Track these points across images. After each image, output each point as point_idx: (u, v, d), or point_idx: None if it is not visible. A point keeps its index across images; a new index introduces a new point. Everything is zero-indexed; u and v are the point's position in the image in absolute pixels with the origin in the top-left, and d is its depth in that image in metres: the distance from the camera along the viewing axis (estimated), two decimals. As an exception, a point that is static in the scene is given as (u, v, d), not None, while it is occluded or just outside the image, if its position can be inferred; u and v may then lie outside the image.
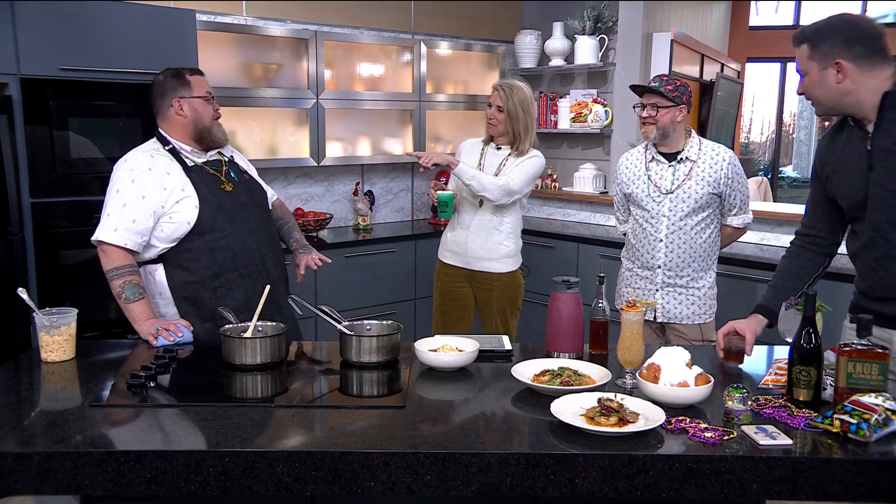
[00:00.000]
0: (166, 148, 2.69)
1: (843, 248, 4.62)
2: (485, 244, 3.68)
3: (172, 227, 2.60)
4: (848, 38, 2.22)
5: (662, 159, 3.20)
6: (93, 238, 2.59)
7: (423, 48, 5.25)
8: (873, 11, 11.01)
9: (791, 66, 11.78)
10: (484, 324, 3.86)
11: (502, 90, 3.62)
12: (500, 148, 3.72)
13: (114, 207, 2.57)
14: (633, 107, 3.26)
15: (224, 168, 2.77)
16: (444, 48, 5.47)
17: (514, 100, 3.60)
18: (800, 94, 2.37)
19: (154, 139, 2.74)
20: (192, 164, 2.69)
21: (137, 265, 2.60)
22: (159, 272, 2.64)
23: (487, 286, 3.74)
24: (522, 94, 3.63)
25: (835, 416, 1.78)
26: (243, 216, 2.72)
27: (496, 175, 3.62)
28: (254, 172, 2.95)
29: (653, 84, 3.15)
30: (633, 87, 3.26)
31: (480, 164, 3.71)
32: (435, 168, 3.60)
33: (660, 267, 3.22)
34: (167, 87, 2.70)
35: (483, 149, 3.76)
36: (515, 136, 3.65)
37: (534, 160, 3.66)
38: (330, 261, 2.96)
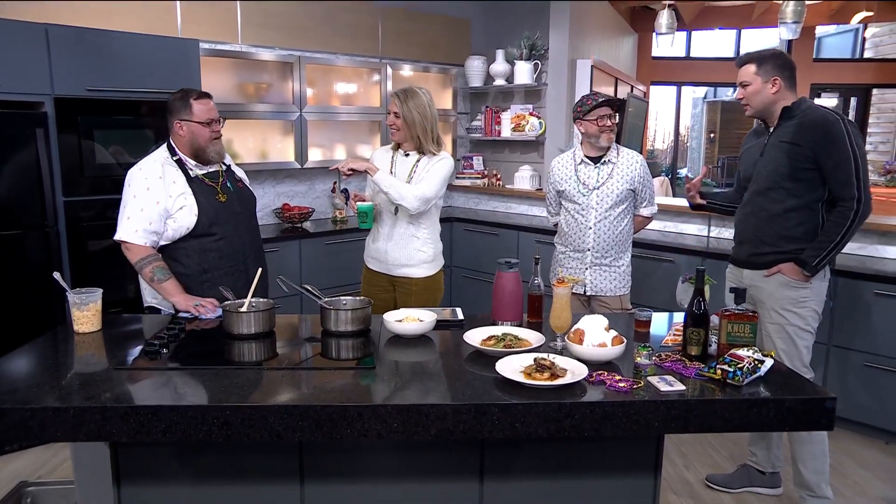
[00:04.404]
0: (174, 158, 2.63)
1: (728, 234, 4.69)
2: (404, 252, 3.11)
3: (174, 227, 2.56)
4: (783, 64, 2.69)
5: (590, 162, 3.21)
6: (116, 237, 2.55)
7: (389, 70, 5.21)
8: (745, 47, 11.14)
9: (685, 90, 11.93)
10: None
11: (397, 97, 3.03)
12: (407, 154, 3.11)
13: (133, 211, 2.53)
14: (596, 119, 3.09)
15: (221, 179, 2.70)
16: (406, 70, 5.43)
17: (408, 105, 3.01)
18: (738, 99, 2.78)
19: (165, 147, 2.67)
20: (195, 175, 2.63)
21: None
22: None
23: (407, 290, 3.16)
24: (418, 100, 3.02)
25: (717, 366, 1.82)
26: (233, 223, 2.67)
27: (409, 181, 3.06)
28: (244, 177, 2.87)
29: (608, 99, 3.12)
30: (607, 102, 3.09)
31: (392, 171, 3.11)
32: (355, 174, 3.00)
33: (589, 250, 3.23)
34: (174, 107, 2.62)
35: (393, 156, 3.15)
36: (418, 141, 3.06)
37: (443, 163, 3.06)
38: None
